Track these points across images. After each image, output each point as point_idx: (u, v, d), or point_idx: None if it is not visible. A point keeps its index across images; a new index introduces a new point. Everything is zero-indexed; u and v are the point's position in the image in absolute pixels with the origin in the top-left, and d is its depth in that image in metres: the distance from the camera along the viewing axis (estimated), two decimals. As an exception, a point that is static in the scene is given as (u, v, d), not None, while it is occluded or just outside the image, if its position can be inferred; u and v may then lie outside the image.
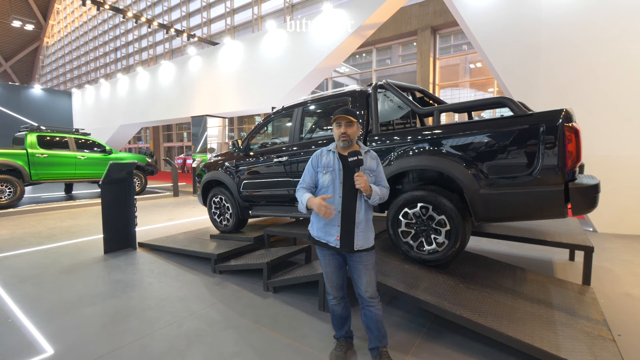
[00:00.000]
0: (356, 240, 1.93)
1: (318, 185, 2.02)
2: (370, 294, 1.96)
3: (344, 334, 2.16)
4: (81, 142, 8.85)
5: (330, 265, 2.04)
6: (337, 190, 1.95)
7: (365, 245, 1.95)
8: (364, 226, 1.95)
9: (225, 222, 4.47)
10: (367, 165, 1.97)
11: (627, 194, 4.91)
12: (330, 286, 2.07)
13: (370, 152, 2.04)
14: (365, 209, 1.96)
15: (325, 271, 2.07)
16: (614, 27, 4.92)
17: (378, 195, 1.91)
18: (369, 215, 2.00)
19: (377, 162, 2.02)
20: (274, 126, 4.70)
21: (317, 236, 2.03)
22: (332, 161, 1.98)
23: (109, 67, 30.64)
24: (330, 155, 2.01)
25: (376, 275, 2.01)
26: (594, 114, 5.02)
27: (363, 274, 1.96)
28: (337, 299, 2.08)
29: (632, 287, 3.15)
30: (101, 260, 4.12)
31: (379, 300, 1.99)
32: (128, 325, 2.57)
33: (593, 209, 2.28)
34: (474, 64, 12.25)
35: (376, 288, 1.99)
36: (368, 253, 1.97)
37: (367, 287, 1.96)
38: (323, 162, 2.00)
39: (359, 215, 1.94)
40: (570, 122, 2.22)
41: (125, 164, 4.42)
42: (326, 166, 1.98)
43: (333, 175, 1.96)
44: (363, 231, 1.94)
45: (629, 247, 4.35)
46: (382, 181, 2.03)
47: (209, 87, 11.55)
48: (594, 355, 1.79)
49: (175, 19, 23.71)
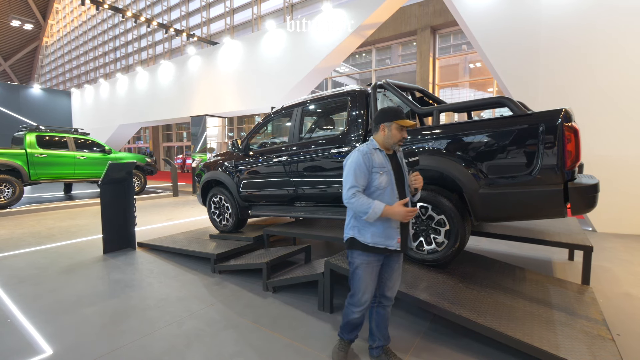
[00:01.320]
0: (409, 241, 1.95)
1: (371, 187, 1.85)
2: (395, 293, 2.00)
3: (382, 339, 2.07)
4: (80, 142, 8.83)
5: (373, 273, 1.92)
6: (394, 191, 1.86)
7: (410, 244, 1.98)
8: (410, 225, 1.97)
9: (225, 222, 4.46)
10: (403, 165, 1.99)
11: (627, 193, 4.92)
12: (368, 293, 1.92)
13: (400, 152, 2.02)
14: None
15: (365, 281, 1.90)
16: (612, 28, 4.93)
17: (420, 193, 1.95)
18: None
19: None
20: (273, 126, 4.70)
21: (374, 242, 1.85)
22: (384, 161, 1.87)
23: (108, 66, 30.61)
24: (381, 155, 1.88)
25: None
26: (593, 113, 5.03)
27: (397, 273, 1.98)
28: (366, 308, 1.97)
29: (631, 286, 3.15)
30: (100, 260, 4.12)
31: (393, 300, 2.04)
32: (127, 325, 2.57)
33: (592, 208, 2.28)
34: (474, 64, 12.26)
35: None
36: (399, 255, 1.99)
37: (395, 286, 1.99)
38: (377, 162, 1.85)
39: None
40: (569, 122, 2.22)
41: (125, 164, 4.41)
42: (381, 166, 1.85)
43: (389, 176, 1.86)
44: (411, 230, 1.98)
45: (628, 247, 4.35)
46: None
47: (208, 87, 11.55)
48: (593, 355, 1.79)
49: (174, 18, 23.69)
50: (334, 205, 3.54)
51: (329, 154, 3.35)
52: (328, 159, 3.37)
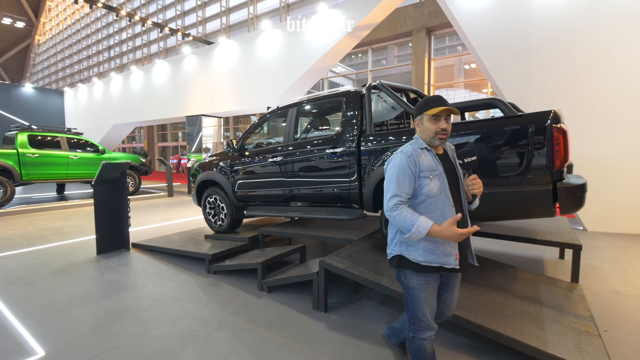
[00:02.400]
0: (469, 255, 1.64)
1: (419, 195, 1.53)
2: (448, 317, 1.77)
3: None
4: (73, 141, 8.76)
5: (435, 293, 1.63)
6: (448, 198, 1.54)
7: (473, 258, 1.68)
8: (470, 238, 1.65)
9: (220, 222, 4.46)
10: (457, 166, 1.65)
11: (616, 193, 5.01)
12: (430, 316, 1.61)
13: (453, 150, 1.69)
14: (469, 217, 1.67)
15: (429, 301, 1.60)
16: (602, 31, 5.01)
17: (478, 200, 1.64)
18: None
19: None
20: (269, 126, 4.71)
21: (427, 261, 1.54)
22: (433, 163, 1.55)
23: (102, 65, 30.32)
24: (429, 156, 1.56)
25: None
26: (582, 114, 5.11)
27: (453, 295, 1.72)
28: (434, 333, 1.65)
29: (619, 284, 3.22)
30: (94, 261, 4.10)
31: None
32: (121, 326, 2.57)
33: (580, 207, 2.33)
34: (469, 65, 12.36)
35: None
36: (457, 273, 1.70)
37: (451, 311, 1.76)
38: (426, 165, 1.53)
39: (469, 225, 1.63)
40: (558, 123, 2.26)
41: (119, 164, 4.39)
42: (431, 169, 1.53)
43: (441, 181, 1.53)
44: (471, 244, 1.66)
45: (617, 246, 4.43)
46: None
47: (204, 87, 11.51)
48: (580, 351, 1.83)
49: (169, 17, 23.55)
50: (329, 205, 3.56)
51: (324, 154, 3.37)
52: (323, 159, 3.39)
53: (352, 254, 2.89)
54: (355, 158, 3.16)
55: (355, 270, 2.57)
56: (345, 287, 3.19)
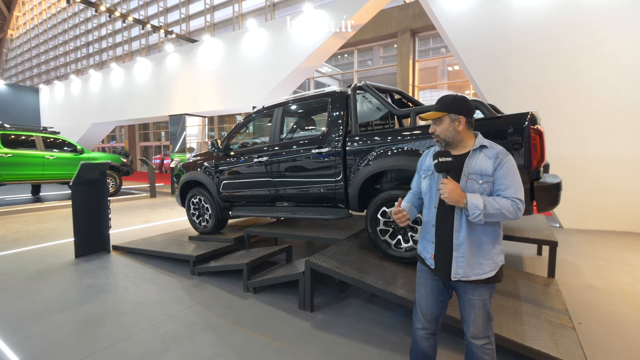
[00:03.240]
0: (455, 266, 1.48)
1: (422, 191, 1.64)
2: (473, 334, 1.53)
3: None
4: (49, 141, 8.43)
5: (424, 287, 1.62)
6: (433, 198, 1.56)
7: (471, 275, 1.47)
8: (469, 250, 1.47)
9: (205, 223, 4.40)
10: (474, 168, 1.47)
11: (590, 191, 5.23)
12: (421, 312, 1.63)
13: (490, 149, 1.49)
14: (470, 227, 1.46)
15: (417, 293, 1.66)
16: (576, 37, 5.24)
17: (480, 210, 1.37)
18: (481, 237, 1.48)
19: (499, 163, 1.44)
20: (254, 126, 4.68)
21: (418, 249, 1.66)
22: (431, 163, 1.56)
23: (80, 62, 29.31)
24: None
25: (487, 315, 1.52)
26: (557, 116, 5.32)
27: (467, 309, 1.53)
28: (426, 332, 1.63)
29: (592, 278, 3.37)
30: (72, 264, 3.97)
31: (486, 342, 1.52)
32: (101, 330, 2.50)
33: (556, 205, 2.43)
34: (452, 67, 12.63)
35: (486, 328, 1.52)
36: (479, 287, 1.49)
37: (471, 326, 1.52)
38: (426, 165, 1.62)
39: (459, 235, 1.48)
40: (535, 125, 2.34)
41: (98, 164, 4.27)
42: (427, 169, 1.59)
43: (431, 181, 1.57)
44: (466, 256, 1.46)
45: (591, 242, 4.63)
46: (505, 189, 1.42)
47: (187, 86, 11.31)
48: (555, 343, 1.91)
49: (152, 14, 23.00)
50: (315, 205, 3.57)
51: (310, 154, 3.38)
52: (309, 159, 3.40)
53: (338, 254, 2.91)
54: (341, 158, 3.19)
55: (341, 270, 2.59)
56: (331, 287, 3.21)
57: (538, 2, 5.49)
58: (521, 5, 5.61)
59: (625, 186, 5.09)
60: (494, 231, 1.50)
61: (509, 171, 1.44)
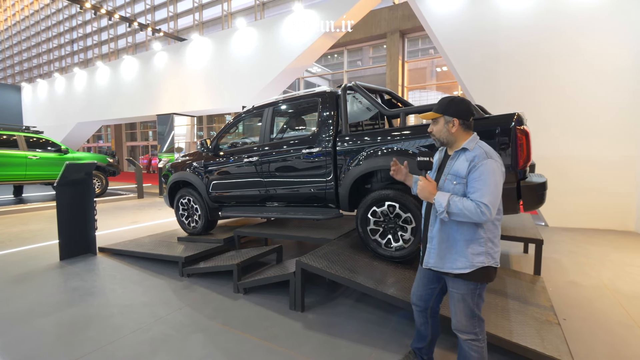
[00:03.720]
0: (427, 256, 1.65)
1: None
2: (455, 326, 1.65)
3: (416, 348, 1.93)
4: (32, 140, 8.20)
5: (420, 271, 1.82)
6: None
7: (443, 267, 1.60)
8: (440, 244, 1.60)
9: (194, 223, 4.35)
10: (452, 169, 1.58)
11: (574, 190, 5.38)
12: (413, 292, 1.86)
13: (469, 152, 1.56)
14: (442, 223, 1.58)
15: (416, 277, 1.87)
16: (561, 40, 5.38)
17: (443, 207, 1.48)
18: (455, 234, 1.57)
19: (473, 166, 1.51)
20: (244, 126, 4.65)
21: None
22: (435, 162, 1.73)
23: (64, 60, 28.59)
24: (441, 154, 1.73)
25: (468, 309, 1.60)
26: (543, 117, 5.45)
27: (450, 298, 1.66)
28: (417, 308, 1.84)
29: (576, 275, 3.46)
30: (56, 267, 3.87)
31: (471, 338, 1.61)
32: (87, 334, 2.44)
33: (541, 204, 2.48)
34: (440, 68, 12.79)
35: (469, 324, 1.61)
36: (454, 280, 1.60)
37: (453, 317, 1.66)
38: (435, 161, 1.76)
39: (432, 228, 1.63)
40: (521, 125, 2.40)
41: (84, 164, 4.18)
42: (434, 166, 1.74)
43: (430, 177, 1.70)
44: (437, 249, 1.60)
45: (575, 240, 4.76)
46: (473, 192, 1.49)
47: (176, 85, 11.15)
48: (541, 338, 1.96)
49: (139, 11, 22.60)
50: (305, 205, 3.57)
51: (300, 154, 3.37)
52: (299, 159, 3.39)
53: (328, 253, 2.92)
54: (332, 158, 3.19)
55: (332, 269, 2.60)
56: (322, 286, 3.22)
57: (523, 6, 5.62)
58: (507, 9, 5.73)
59: (606, 186, 5.25)
60: (472, 231, 1.54)
61: (482, 175, 1.48)
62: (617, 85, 5.14)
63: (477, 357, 1.61)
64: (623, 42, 5.09)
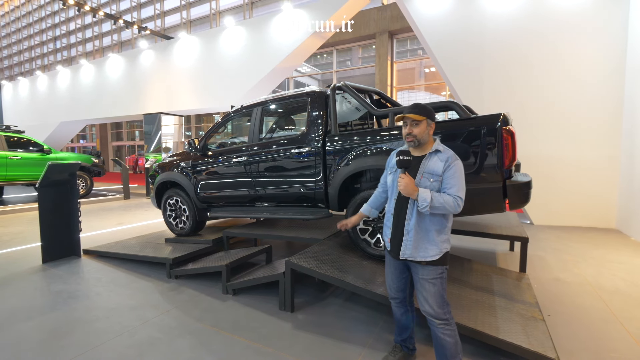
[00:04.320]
0: (403, 247, 1.77)
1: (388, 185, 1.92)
2: (427, 312, 1.76)
3: (401, 341, 2.04)
4: (13, 140, 7.94)
5: (390, 266, 1.93)
6: (394, 191, 1.83)
7: (416, 256, 1.74)
8: (416, 235, 1.73)
9: (182, 224, 4.29)
10: (428, 168, 1.74)
11: (558, 190, 5.51)
12: (388, 286, 1.97)
13: (442, 153, 1.75)
14: (419, 216, 1.73)
15: (386, 270, 1.98)
16: (544, 42, 5.51)
17: (427, 202, 1.64)
18: (427, 226, 1.73)
19: (448, 166, 1.71)
20: (233, 125, 4.60)
21: (382, 235, 2.02)
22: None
23: (46, 57, 27.79)
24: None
25: (438, 294, 1.74)
26: (527, 117, 5.57)
27: (419, 287, 1.78)
28: (396, 301, 1.96)
29: (560, 272, 3.55)
30: (39, 270, 3.75)
31: (443, 323, 1.74)
32: (71, 339, 2.38)
33: (527, 203, 2.53)
34: (429, 69, 12.94)
35: (441, 309, 1.74)
36: (425, 267, 1.74)
37: (424, 303, 1.76)
38: (392, 162, 1.87)
39: (410, 222, 1.75)
40: (507, 125, 2.44)
41: (67, 165, 4.07)
42: (393, 166, 1.85)
43: (394, 176, 1.83)
44: (413, 240, 1.74)
45: (559, 237, 4.88)
46: (450, 188, 1.69)
47: (163, 84, 10.97)
48: (527, 335, 2.00)
49: (124, 8, 22.15)
50: (295, 205, 3.56)
51: (290, 154, 3.36)
52: (289, 159, 3.38)
53: (318, 253, 2.91)
54: (321, 158, 3.19)
55: (322, 269, 2.60)
56: (312, 286, 3.21)
57: (508, 9, 5.73)
58: (493, 12, 5.83)
59: (588, 185, 5.40)
60: (441, 222, 1.76)
61: (455, 173, 1.72)
62: (597, 88, 5.29)
63: (452, 341, 1.73)
64: (603, 46, 5.25)
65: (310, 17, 7.97)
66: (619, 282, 3.28)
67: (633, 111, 4.95)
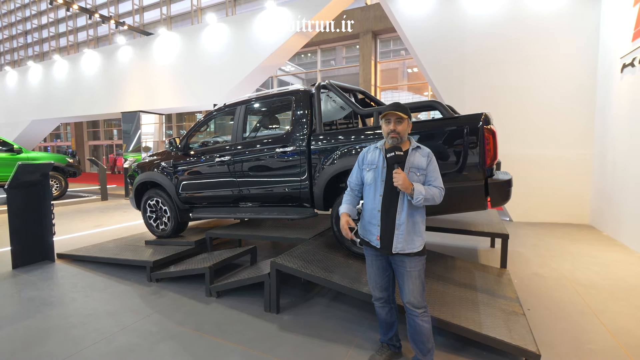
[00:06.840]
0: (395, 242, 1.80)
1: (364, 183, 1.94)
2: (412, 302, 1.82)
3: (387, 340, 2.06)
4: (-20, 139, 7.51)
5: (372, 266, 1.95)
6: (378, 188, 1.86)
7: (406, 249, 1.80)
8: (407, 228, 1.80)
9: (163, 226, 4.16)
10: (413, 163, 1.83)
11: (535, 187, 5.71)
12: (372, 287, 1.99)
13: (422, 149, 1.88)
14: (409, 210, 1.80)
15: (368, 271, 1.99)
16: (523, 43, 5.70)
17: (422, 195, 1.73)
18: (416, 218, 1.83)
19: (429, 160, 1.85)
20: (215, 124, 4.51)
21: (361, 234, 1.99)
22: (376, 158, 1.89)
23: (16, 52, 26.47)
24: (376, 152, 1.92)
25: (422, 284, 1.83)
26: (507, 116, 5.73)
27: (406, 279, 1.82)
28: (380, 302, 1.97)
29: (538, 267, 3.67)
30: (9, 276, 3.56)
31: (424, 311, 1.83)
32: (45, 347, 2.26)
33: (508, 200, 2.59)
34: (412, 69, 13.13)
35: (422, 298, 1.83)
36: (412, 259, 1.81)
37: (409, 295, 1.82)
38: (368, 159, 1.93)
39: (401, 216, 1.80)
40: (488, 125, 2.49)
41: (39, 165, 3.87)
42: (370, 163, 1.91)
43: (376, 173, 1.87)
44: (404, 234, 1.79)
45: (537, 233, 5.05)
46: (434, 181, 1.83)
47: (142, 81, 10.63)
48: (508, 329, 2.05)
49: (101, 3, 21.36)
50: (280, 205, 3.52)
51: (274, 153, 3.32)
52: (273, 159, 3.34)
53: (303, 253, 2.89)
54: (306, 157, 3.16)
55: (308, 269, 2.58)
56: (297, 287, 3.19)
57: (487, 12, 5.89)
58: (473, 14, 5.98)
59: (563, 182, 5.62)
60: (423, 213, 1.88)
61: (436, 167, 1.88)
62: (571, 90, 5.52)
63: (428, 327, 1.83)
64: (577, 50, 5.49)
65: (294, 15, 7.91)
66: (593, 275, 3.42)
67: (604, 113, 5.18)
